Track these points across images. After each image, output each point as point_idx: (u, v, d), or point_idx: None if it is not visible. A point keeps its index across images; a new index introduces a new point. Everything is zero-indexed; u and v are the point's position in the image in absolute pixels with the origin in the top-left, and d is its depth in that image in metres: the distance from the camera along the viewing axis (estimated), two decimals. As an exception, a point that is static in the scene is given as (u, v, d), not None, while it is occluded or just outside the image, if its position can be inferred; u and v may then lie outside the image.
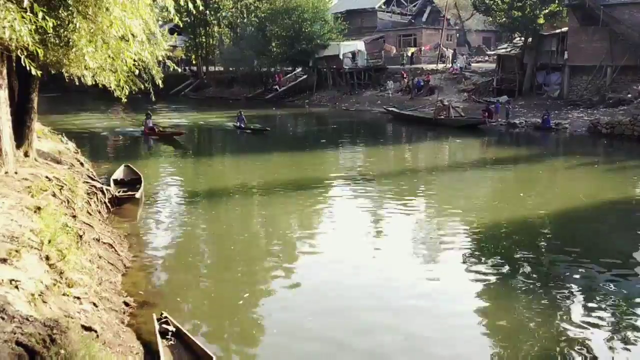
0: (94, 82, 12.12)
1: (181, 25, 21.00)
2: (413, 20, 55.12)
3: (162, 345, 6.80)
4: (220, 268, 10.27)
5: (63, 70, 11.70)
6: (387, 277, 9.71)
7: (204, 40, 58.22)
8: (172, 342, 7.08)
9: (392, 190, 16.58)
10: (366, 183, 17.45)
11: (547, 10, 33.12)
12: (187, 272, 9.88)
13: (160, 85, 13.69)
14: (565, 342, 7.35)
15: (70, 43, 9.37)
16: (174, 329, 7.24)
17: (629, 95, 27.64)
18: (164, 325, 7.25)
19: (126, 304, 8.14)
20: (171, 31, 26.30)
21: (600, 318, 8.00)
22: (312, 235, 12.31)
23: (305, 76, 49.81)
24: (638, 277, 9.64)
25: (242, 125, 28.72)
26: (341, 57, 45.02)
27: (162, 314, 7.54)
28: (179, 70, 21.14)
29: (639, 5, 29.31)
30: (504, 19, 35.05)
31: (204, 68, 60.06)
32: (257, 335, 7.79)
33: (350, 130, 31.96)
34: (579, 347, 7.20)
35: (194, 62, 60.90)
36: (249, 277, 9.82)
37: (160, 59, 13.63)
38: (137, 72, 13.40)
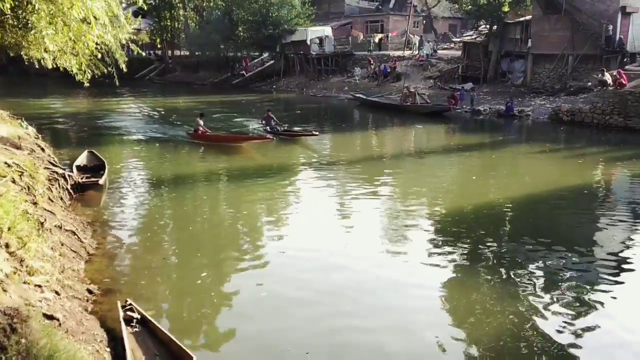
0: (54, 66, 11.83)
1: (145, 8, 20.61)
2: (380, 7, 55.08)
3: (126, 333, 6.76)
4: (185, 253, 10.23)
5: (22, 53, 11.39)
6: (351, 262, 9.81)
7: (169, 23, 57.13)
8: (137, 330, 7.04)
9: (358, 176, 16.67)
10: (332, 168, 17.51)
11: (511, -2, 33.57)
12: (152, 258, 9.80)
13: (124, 70, 13.45)
14: (525, 322, 7.57)
15: (29, 25, 9.12)
16: (138, 316, 7.20)
17: (589, 84, 28.26)
18: (129, 313, 7.20)
19: (90, 292, 8.05)
20: (135, 14, 25.70)
21: (559, 300, 8.24)
22: (277, 219, 12.35)
23: (272, 61, 49.40)
24: (595, 260, 9.98)
25: (277, 128, 22.29)
26: (308, 42, 44.76)
27: (126, 301, 7.49)
28: (143, 54, 20.74)
29: (600, -5, 29.94)
30: (470, 7, 35.36)
31: (169, 52, 59.01)
32: (223, 320, 7.82)
33: (316, 116, 31.93)
34: (539, 328, 7.43)
35: (159, 46, 59.80)
36: (215, 261, 9.84)
37: (124, 42, 13.39)
38: (99, 55, 13.15)
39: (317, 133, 21.75)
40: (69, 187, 13.05)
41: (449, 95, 31.53)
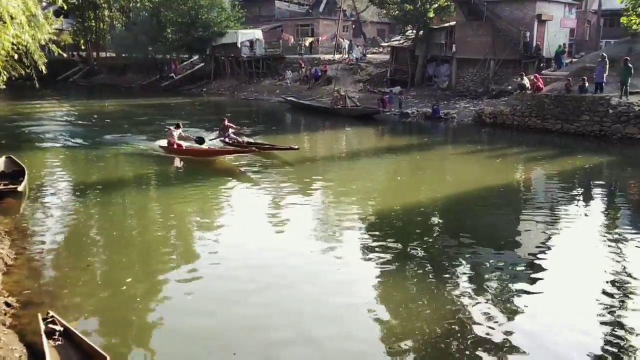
0: (-35, 67, 11.23)
1: (65, 8, 19.75)
2: (310, 11, 55.57)
3: (48, 346, 6.49)
4: (110, 259, 9.95)
5: None
6: (285, 262, 9.87)
7: (93, 24, 55.33)
8: (59, 342, 6.78)
9: (289, 179, 16.74)
10: (263, 171, 17.46)
11: (436, 5, 34.71)
12: (75, 266, 9.46)
13: (44, 71, 12.93)
14: (455, 317, 7.84)
15: (-64, 24, 8.60)
16: (61, 328, 6.92)
17: (510, 87, 29.57)
18: (51, 325, 6.91)
19: (8, 305, 7.67)
20: (57, 13, 24.55)
21: (485, 294, 8.56)
22: (208, 224, 12.21)
23: (202, 64, 48.79)
24: (518, 256, 10.45)
25: (236, 139, 19.93)
26: (239, 45, 44.50)
27: (48, 313, 7.19)
28: (65, 55, 20.01)
29: (518, 3, 31.41)
30: (397, 12, 36.28)
31: (94, 54, 57.07)
32: (149, 326, 7.65)
33: (248, 119, 31.67)
34: (467, 322, 7.70)
35: (82, 47, 57.75)
36: (141, 266, 9.63)
37: (44, 43, 12.88)
38: (16, 56, 12.59)
39: (297, 147, 19.05)
40: (-16, 195, 12.40)
41: (378, 99, 32.16)
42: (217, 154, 18.62)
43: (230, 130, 20.16)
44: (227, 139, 20.01)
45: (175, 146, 18.76)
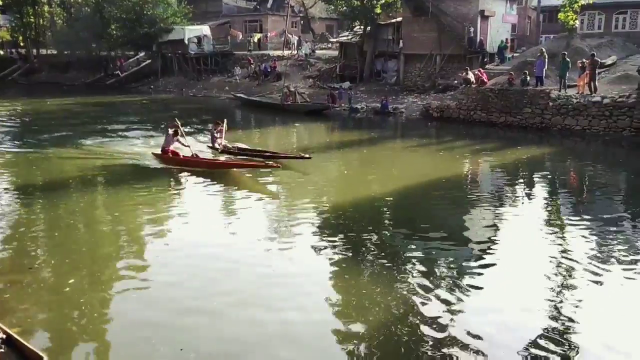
0: None
1: (1, 3, 19.13)
2: (258, 7, 55.17)
3: (-11, 354, 6.29)
4: (55, 263, 9.65)
5: None
6: (238, 261, 9.82)
7: (32, 20, 53.30)
8: (2, 351, 6.57)
9: (240, 175, 16.59)
10: (212, 169, 17.24)
11: (383, 1, 35.09)
12: (17, 270, 9.19)
13: (-21, 70, 12.43)
14: (405, 308, 7.99)
15: None
16: (4, 336, 6.70)
17: (455, 82, 30.24)
18: (-8, 333, 6.69)
19: (-55, 314, 7.37)
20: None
21: (435, 285, 8.73)
22: (157, 225, 11.94)
23: (149, 61, 47.76)
24: (466, 247, 10.73)
25: (228, 146, 18.19)
26: (186, 41, 43.87)
27: (-11, 320, 6.96)
28: (2, 52, 19.24)
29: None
30: (344, 8, 36.54)
31: (34, 51, 55.02)
32: (95, 331, 7.49)
33: (196, 117, 31.20)
34: (417, 312, 7.87)
35: (22, 44, 55.61)
36: (87, 270, 9.36)
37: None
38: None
39: (308, 156, 17.22)
40: None
41: (328, 94, 32.34)
42: (229, 166, 16.65)
43: (218, 135, 18.36)
44: (216, 145, 18.35)
45: (170, 155, 16.71)
